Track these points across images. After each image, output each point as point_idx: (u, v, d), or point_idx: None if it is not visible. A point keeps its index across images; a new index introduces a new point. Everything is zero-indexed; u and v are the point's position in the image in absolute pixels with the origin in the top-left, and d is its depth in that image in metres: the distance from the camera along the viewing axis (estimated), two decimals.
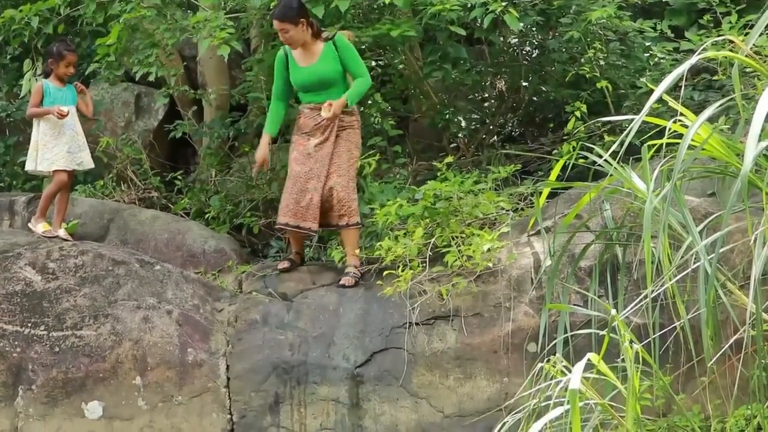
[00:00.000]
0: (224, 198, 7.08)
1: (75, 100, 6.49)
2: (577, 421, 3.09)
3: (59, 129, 6.33)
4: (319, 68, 5.96)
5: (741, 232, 4.20)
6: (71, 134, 6.37)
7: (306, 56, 6.00)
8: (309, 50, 5.99)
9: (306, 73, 5.98)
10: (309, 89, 6.01)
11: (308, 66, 5.98)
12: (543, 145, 7.18)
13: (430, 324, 5.35)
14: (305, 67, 5.99)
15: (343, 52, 5.96)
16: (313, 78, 5.97)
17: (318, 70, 5.96)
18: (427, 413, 5.26)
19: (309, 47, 5.98)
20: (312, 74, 5.96)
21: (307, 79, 5.98)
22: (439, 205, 5.70)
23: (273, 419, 5.38)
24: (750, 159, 3.28)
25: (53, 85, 6.41)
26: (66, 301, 5.62)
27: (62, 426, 5.39)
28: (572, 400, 3.12)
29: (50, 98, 6.35)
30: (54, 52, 6.43)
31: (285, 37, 5.91)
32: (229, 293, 5.93)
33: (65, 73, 6.45)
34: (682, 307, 3.90)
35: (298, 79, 6.02)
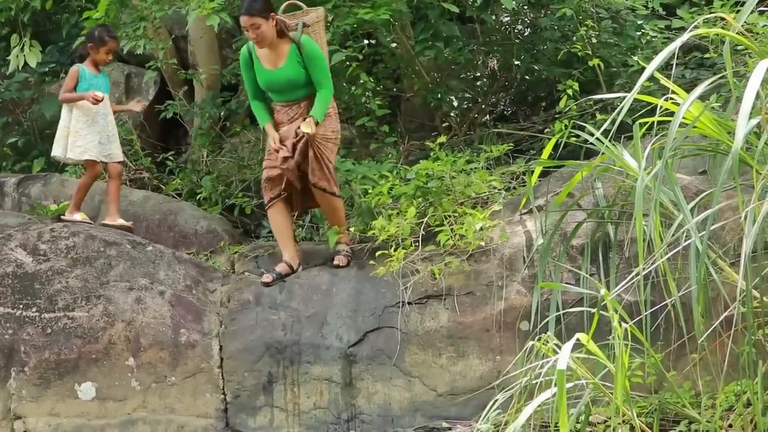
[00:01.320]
0: (216, 178, 7.07)
1: (108, 88, 6.38)
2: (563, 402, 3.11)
3: (92, 117, 6.23)
4: (286, 72, 5.68)
5: (732, 209, 4.21)
6: (103, 124, 6.28)
7: (271, 57, 5.70)
8: (275, 51, 5.68)
9: (273, 77, 5.71)
10: (277, 91, 5.78)
11: (275, 69, 5.70)
12: (535, 124, 7.18)
13: (422, 303, 5.36)
14: (272, 69, 5.71)
15: (309, 60, 5.66)
16: (282, 82, 5.71)
17: (286, 73, 5.68)
18: (420, 392, 5.28)
19: (275, 47, 5.66)
20: (280, 78, 5.69)
21: (275, 83, 5.73)
22: (432, 184, 5.70)
23: (266, 399, 5.40)
24: (741, 136, 3.29)
25: (89, 70, 6.29)
26: (58, 282, 5.61)
27: (55, 407, 5.40)
28: (559, 381, 3.14)
29: (85, 84, 6.22)
30: (96, 37, 6.27)
31: (256, 34, 5.55)
32: (221, 274, 5.93)
33: (103, 60, 6.34)
34: (673, 285, 3.92)
35: (264, 81, 5.76)
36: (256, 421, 5.37)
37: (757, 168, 3.53)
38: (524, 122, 7.43)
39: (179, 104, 7.61)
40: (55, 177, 6.96)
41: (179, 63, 7.80)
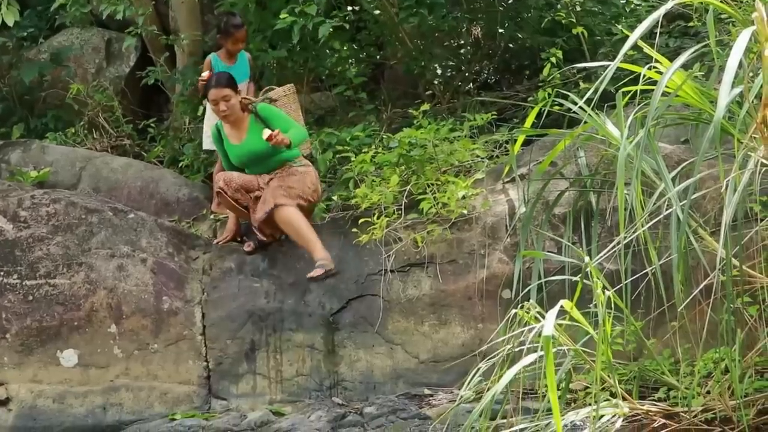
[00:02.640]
0: (198, 146, 7.02)
1: (244, 76, 6.36)
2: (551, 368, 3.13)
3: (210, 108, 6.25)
4: (249, 144, 5.72)
5: (713, 178, 4.22)
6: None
7: (236, 132, 5.78)
8: (239, 126, 5.76)
9: (239, 150, 5.76)
10: (247, 165, 5.78)
11: (240, 143, 5.76)
12: (518, 93, 7.16)
13: (405, 271, 5.37)
14: (238, 144, 5.77)
15: (268, 120, 5.70)
16: (247, 154, 5.74)
17: (248, 146, 5.72)
18: (402, 359, 5.31)
19: (239, 123, 5.76)
20: (244, 151, 5.74)
21: (243, 156, 5.77)
22: (415, 152, 5.69)
23: (249, 366, 5.41)
24: (723, 105, 3.29)
25: (221, 60, 6.35)
26: (39, 249, 5.58)
27: (38, 374, 5.39)
28: (546, 347, 3.16)
29: None
30: (222, 29, 6.35)
31: (226, 106, 5.64)
32: (203, 241, 5.91)
33: (234, 50, 6.37)
34: (654, 254, 3.94)
35: (234, 156, 5.80)
36: (238, 388, 5.39)
37: (739, 137, 3.54)
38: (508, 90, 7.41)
39: (161, 70, 7.53)
40: (35, 143, 6.90)
41: (160, 28, 7.71)
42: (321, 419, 4.91)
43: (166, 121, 7.75)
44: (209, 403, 5.37)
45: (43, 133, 7.38)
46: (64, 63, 7.75)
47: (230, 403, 5.34)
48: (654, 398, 4.35)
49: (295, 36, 6.60)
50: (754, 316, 4.05)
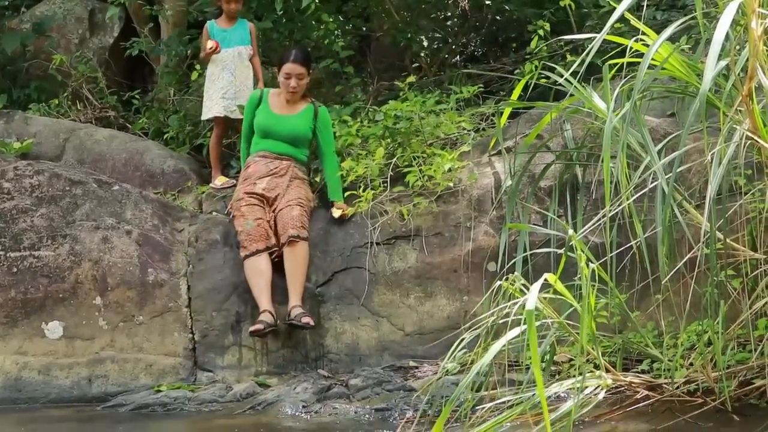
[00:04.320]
0: (183, 118, 6.98)
1: (242, 41, 6.30)
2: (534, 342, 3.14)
3: (217, 73, 6.22)
4: (297, 122, 5.68)
5: (698, 152, 4.24)
6: (229, 79, 6.21)
7: (285, 107, 5.72)
8: (292, 104, 5.73)
9: (280, 120, 5.68)
10: (274, 137, 5.68)
11: (285, 115, 5.70)
12: (505, 65, 7.14)
13: (390, 244, 5.38)
14: (280, 114, 5.70)
15: (323, 125, 5.71)
16: (286, 128, 5.67)
17: (296, 124, 5.67)
18: (388, 331, 5.32)
19: (293, 102, 5.73)
20: (286, 124, 5.67)
21: (279, 127, 5.67)
22: (401, 125, 5.67)
23: (235, 338, 5.41)
24: (709, 78, 3.30)
25: (218, 25, 6.30)
26: (23, 221, 5.55)
27: (23, 346, 5.38)
28: (529, 321, 3.17)
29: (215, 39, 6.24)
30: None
31: (297, 84, 5.63)
32: (189, 213, 5.89)
33: (231, 10, 6.31)
34: (639, 226, 3.96)
35: (265, 122, 5.69)
36: (224, 360, 5.39)
37: (725, 110, 3.55)
38: (494, 63, 7.38)
39: (145, 41, 7.47)
40: (18, 114, 6.83)
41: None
42: (307, 391, 4.92)
43: (151, 93, 7.68)
44: (195, 375, 5.38)
45: (26, 104, 7.31)
46: (46, 33, 7.66)
47: (216, 375, 5.35)
48: (637, 370, 4.38)
49: (278, 4, 6.55)
50: (738, 289, 4.08)
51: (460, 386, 3.49)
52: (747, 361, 4.03)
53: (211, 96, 6.25)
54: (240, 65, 6.29)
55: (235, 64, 6.26)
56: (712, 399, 3.94)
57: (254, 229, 5.41)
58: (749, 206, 4.14)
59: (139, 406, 5.05)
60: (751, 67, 3.36)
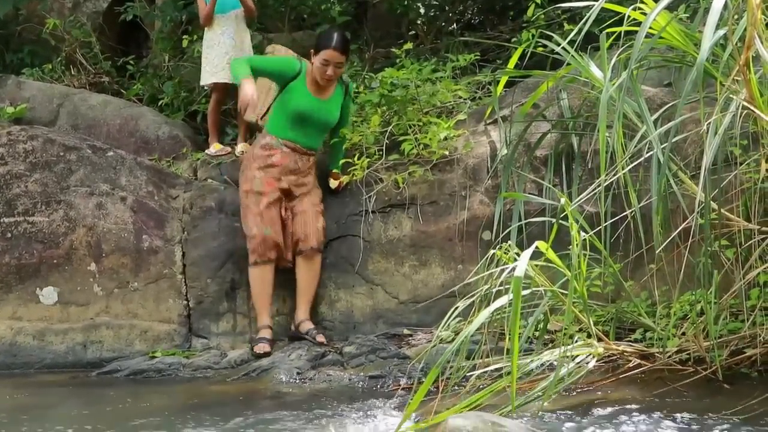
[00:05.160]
0: (178, 84, 6.93)
1: (238, 4, 6.20)
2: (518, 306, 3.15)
3: (217, 38, 6.15)
4: (331, 109, 5.43)
5: (695, 122, 4.23)
6: (230, 43, 6.13)
7: (319, 90, 5.41)
8: (323, 87, 5.41)
9: (316, 106, 5.37)
10: (309, 125, 5.38)
11: (318, 99, 5.39)
12: (502, 33, 7.09)
13: (386, 212, 5.37)
14: (315, 98, 5.38)
15: (350, 101, 5.56)
16: (323, 117, 5.40)
17: (330, 110, 5.42)
18: (382, 299, 5.33)
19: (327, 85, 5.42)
20: (322, 110, 5.39)
21: (315, 112, 5.37)
22: (397, 93, 5.64)
23: (229, 305, 5.43)
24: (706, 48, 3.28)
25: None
26: (16, 186, 5.54)
27: (17, 311, 5.39)
28: (515, 287, 3.18)
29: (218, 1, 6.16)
30: None
31: (334, 73, 5.31)
32: (183, 180, 5.88)
33: None
34: (634, 196, 3.96)
35: (303, 105, 5.35)
36: (219, 326, 5.41)
37: (722, 80, 3.54)
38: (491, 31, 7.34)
39: (139, 6, 7.40)
40: (11, 79, 6.78)
41: None
42: (301, 358, 4.94)
43: (146, 59, 7.63)
44: (189, 341, 5.40)
45: (19, 69, 7.26)
46: None
47: (210, 342, 5.38)
48: (630, 339, 4.40)
49: None
50: (731, 259, 4.09)
51: (447, 352, 3.49)
52: (739, 331, 4.05)
53: (212, 61, 6.19)
54: (238, 28, 6.24)
55: (233, 28, 6.21)
56: (704, 368, 3.97)
57: (271, 237, 5.23)
58: (744, 176, 4.14)
59: (133, 371, 5.07)
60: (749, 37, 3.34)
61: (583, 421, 3.60)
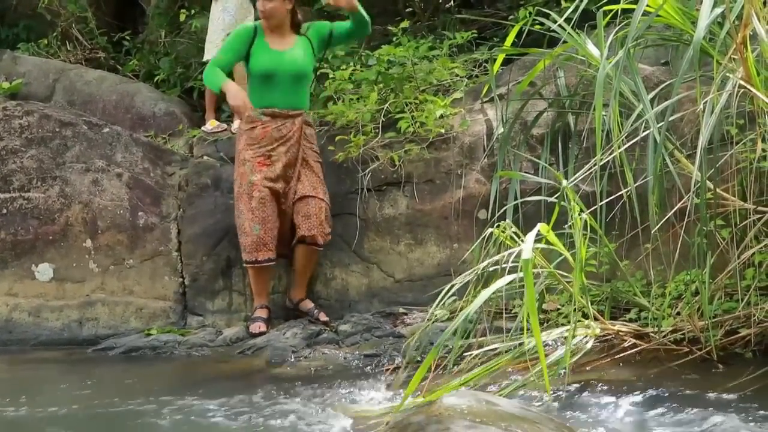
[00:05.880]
0: (174, 60, 6.90)
1: None
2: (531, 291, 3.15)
3: (218, 14, 6.13)
4: (297, 55, 5.13)
5: (691, 101, 4.21)
6: (229, 21, 6.09)
7: (278, 39, 5.17)
8: (283, 37, 5.17)
9: (277, 59, 5.10)
10: (272, 81, 5.11)
11: (284, 50, 5.13)
12: (499, 11, 7.04)
13: (381, 190, 5.36)
14: (278, 51, 5.13)
15: (316, 30, 5.24)
16: (286, 66, 5.10)
17: (296, 56, 5.12)
18: (378, 278, 5.33)
19: (284, 34, 5.18)
20: (285, 62, 5.10)
21: (281, 66, 5.10)
22: (393, 70, 5.62)
23: (225, 283, 5.43)
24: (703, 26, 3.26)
25: None
26: (12, 162, 5.52)
27: (13, 287, 5.39)
28: (526, 270, 3.17)
29: None
30: None
31: (266, 7, 5.09)
32: (180, 157, 5.86)
33: None
34: (630, 175, 3.95)
35: (266, 63, 5.10)
36: (214, 304, 5.42)
37: (718, 59, 3.52)
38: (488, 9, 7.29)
39: None
40: (6, 53, 6.76)
41: None
42: (296, 336, 4.95)
43: (142, 35, 7.59)
44: (185, 318, 5.40)
45: (14, 44, 7.22)
46: None
47: (206, 319, 5.38)
48: (625, 319, 4.40)
49: None
50: (726, 239, 4.09)
51: (446, 332, 3.51)
52: (733, 311, 4.05)
53: (209, 37, 6.18)
54: (241, 7, 6.20)
55: (236, 7, 6.17)
56: (698, 348, 3.97)
57: (261, 237, 5.06)
58: (740, 156, 4.13)
59: (129, 349, 5.08)
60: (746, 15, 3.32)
61: (579, 401, 3.61)
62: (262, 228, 5.08)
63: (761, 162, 3.95)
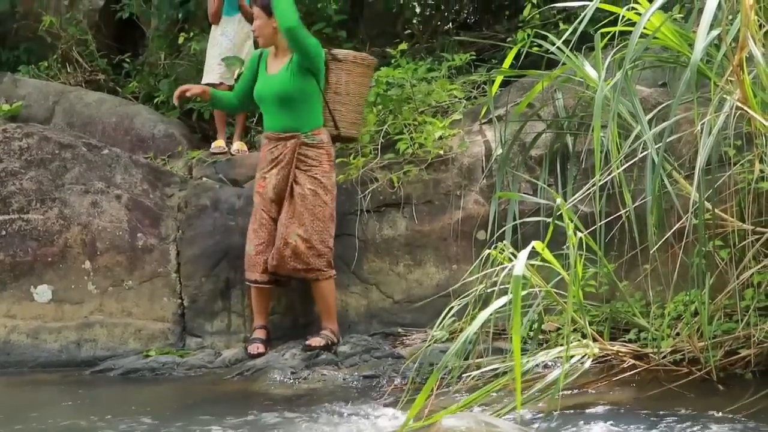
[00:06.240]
0: (174, 82, 6.92)
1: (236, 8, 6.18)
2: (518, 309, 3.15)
3: (217, 38, 6.17)
4: (276, 79, 5.08)
5: (689, 122, 4.23)
6: (227, 45, 6.12)
7: (274, 65, 5.18)
8: (277, 59, 5.16)
9: (267, 83, 5.13)
10: (266, 104, 5.15)
11: (272, 73, 5.14)
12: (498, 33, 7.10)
13: (380, 211, 5.37)
14: (269, 74, 5.15)
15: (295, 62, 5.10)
16: (272, 88, 5.08)
17: (280, 79, 5.07)
18: (377, 299, 5.33)
19: (279, 56, 5.16)
20: (271, 85, 5.10)
21: (265, 91, 5.13)
22: (392, 92, 5.65)
23: (224, 304, 5.42)
24: (700, 48, 3.28)
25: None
26: (11, 184, 5.53)
27: (11, 309, 5.38)
28: (515, 287, 3.18)
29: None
30: None
31: (254, 26, 5.17)
32: (179, 178, 5.87)
33: None
34: (629, 196, 3.96)
35: (258, 88, 5.17)
36: (213, 325, 5.41)
37: (715, 80, 3.54)
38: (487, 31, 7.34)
39: (135, 4, 7.40)
40: (6, 76, 6.78)
41: None
42: (295, 357, 4.94)
43: (141, 57, 7.63)
44: (184, 340, 5.39)
45: (15, 66, 7.25)
46: None
47: (205, 341, 5.37)
48: (625, 339, 4.40)
49: None
50: (725, 259, 4.09)
51: (447, 355, 3.50)
52: (733, 332, 4.05)
53: (208, 60, 6.22)
54: (240, 32, 6.24)
55: (235, 32, 6.21)
56: (698, 369, 3.97)
57: (252, 258, 5.10)
58: (738, 177, 4.14)
59: (127, 370, 5.06)
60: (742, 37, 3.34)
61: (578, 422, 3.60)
62: (255, 249, 5.11)
63: (759, 183, 3.97)
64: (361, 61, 5.34)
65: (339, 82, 5.25)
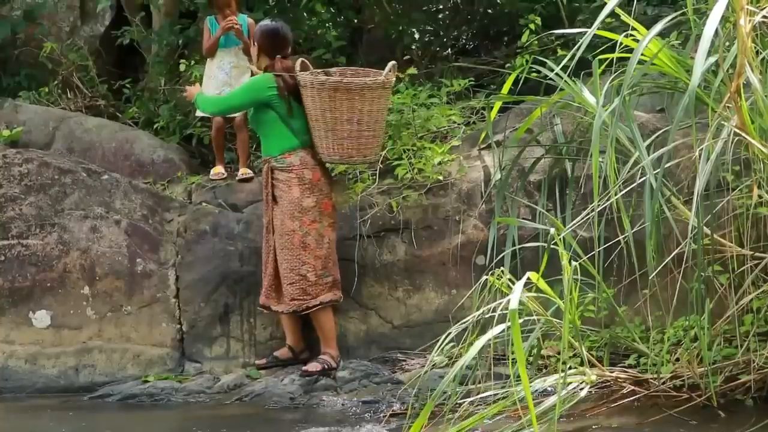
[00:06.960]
0: (174, 108, 6.94)
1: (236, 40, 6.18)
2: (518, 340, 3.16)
3: (213, 71, 6.18)
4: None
5: (687, 147, 4.24)
6: (224, 78, 6.14)
7: None
8: None
9: None
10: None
11: None
12: (496, 59, 7.13)
13: (380, 236, 5.37)
14: None
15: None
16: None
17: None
18: (376, 324, 5.32)
19: None
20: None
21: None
22: (392, 117, 5.66)
23: (223, 329, 5.41)
24: (698, 74, 3.30)
25: (217, 22, 6.19)
26: (11, 209, 5.54)
27: (10, 334, 5.37)
28: (512, 320, 3.18)
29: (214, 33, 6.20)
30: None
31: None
32: (178, 204, 5.87)
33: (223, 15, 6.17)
34: (627, 221, 3.96)
35: None
36: (212, 351, 5.39)
37: (713, 106, 3.56)
38: (486, 56, 7.37)
39: (136, 30, 7.43)
40: (7, 102, 6.79)
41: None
42: (294, 383, 4.93)
43: (142, 82, 7.64)
44: (183, 365, 5.38)
45: (15, 92, 7.27)
46: (37, 21, 7.61)
47: (204, 366, 5.35)
48: (624, 365, 4.39)
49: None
50: (724, 284, 4.09)
51: (444, 381, 3.50)
52: (733, 357, 4.04)
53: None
54: (237, 64, 6.25)
55: (232, 64, 6.23)
56: (698, 394, 3.96)
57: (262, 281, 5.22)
58: (737, 202, 4.15)
59: (126, 396, 5.05)
60: (740, 64, 3.36)
61: None
62: (264, 273, 5.18)
63: (758, 208, 3.98)
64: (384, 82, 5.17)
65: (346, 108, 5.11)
